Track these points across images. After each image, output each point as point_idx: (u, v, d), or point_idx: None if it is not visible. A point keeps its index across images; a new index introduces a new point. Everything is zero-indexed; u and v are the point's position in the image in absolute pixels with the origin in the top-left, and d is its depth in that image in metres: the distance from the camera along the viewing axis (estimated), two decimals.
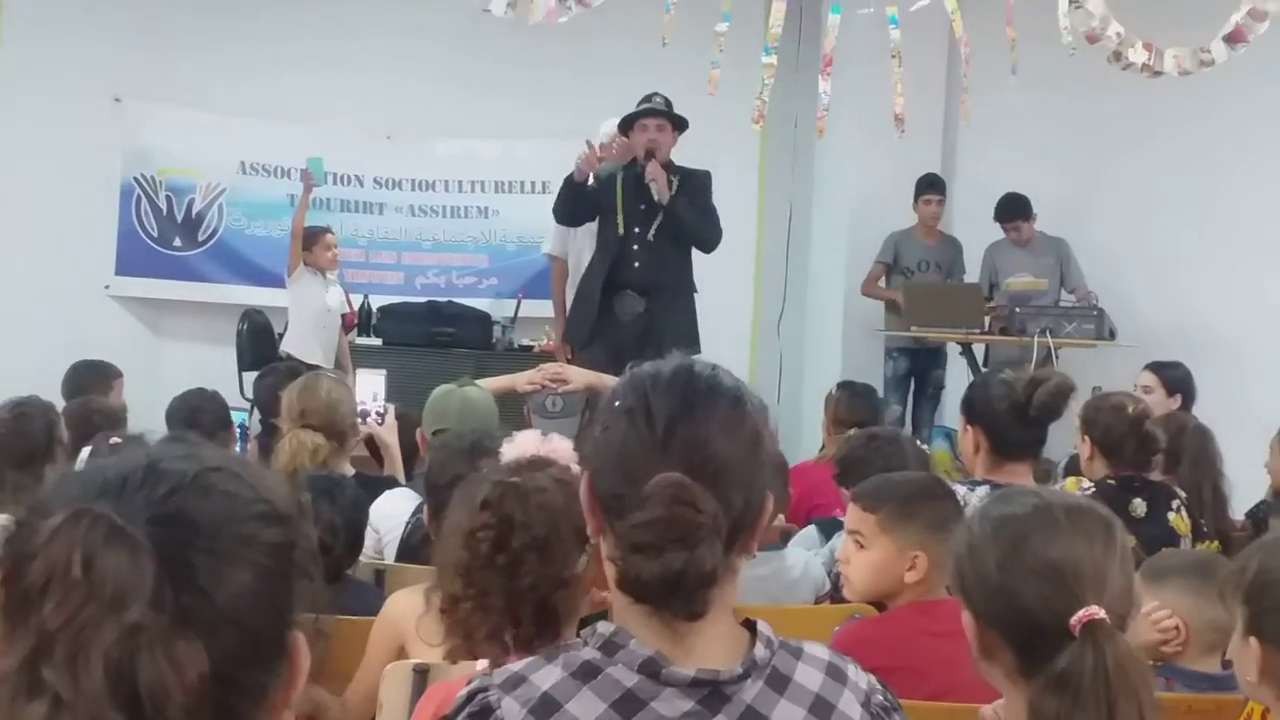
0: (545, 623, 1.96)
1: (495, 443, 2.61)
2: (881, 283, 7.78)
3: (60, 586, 0.91)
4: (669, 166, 6.12)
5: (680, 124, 6.16)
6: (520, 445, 2.14)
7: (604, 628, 1.38)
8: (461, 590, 1.97)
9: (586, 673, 1.34)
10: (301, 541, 1.03)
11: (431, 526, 2.85)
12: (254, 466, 1.07)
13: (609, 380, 4.40)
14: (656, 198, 5.99)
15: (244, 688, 0.97)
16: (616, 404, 1.44)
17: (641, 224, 6.08)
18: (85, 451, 3.12)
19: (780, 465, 2.22)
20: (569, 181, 6.12)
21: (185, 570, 0.94)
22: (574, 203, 6.16)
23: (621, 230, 6.09)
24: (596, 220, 6.42)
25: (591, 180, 6.01)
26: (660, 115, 6.11)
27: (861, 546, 2.68)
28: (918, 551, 2.60)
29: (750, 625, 1.41)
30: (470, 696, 1.38)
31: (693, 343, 6.03)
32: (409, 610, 2.58)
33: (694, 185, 6.18)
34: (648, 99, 6.19)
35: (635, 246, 6.09)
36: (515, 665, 1.38)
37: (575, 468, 1.99)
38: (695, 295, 6.27)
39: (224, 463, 1.03)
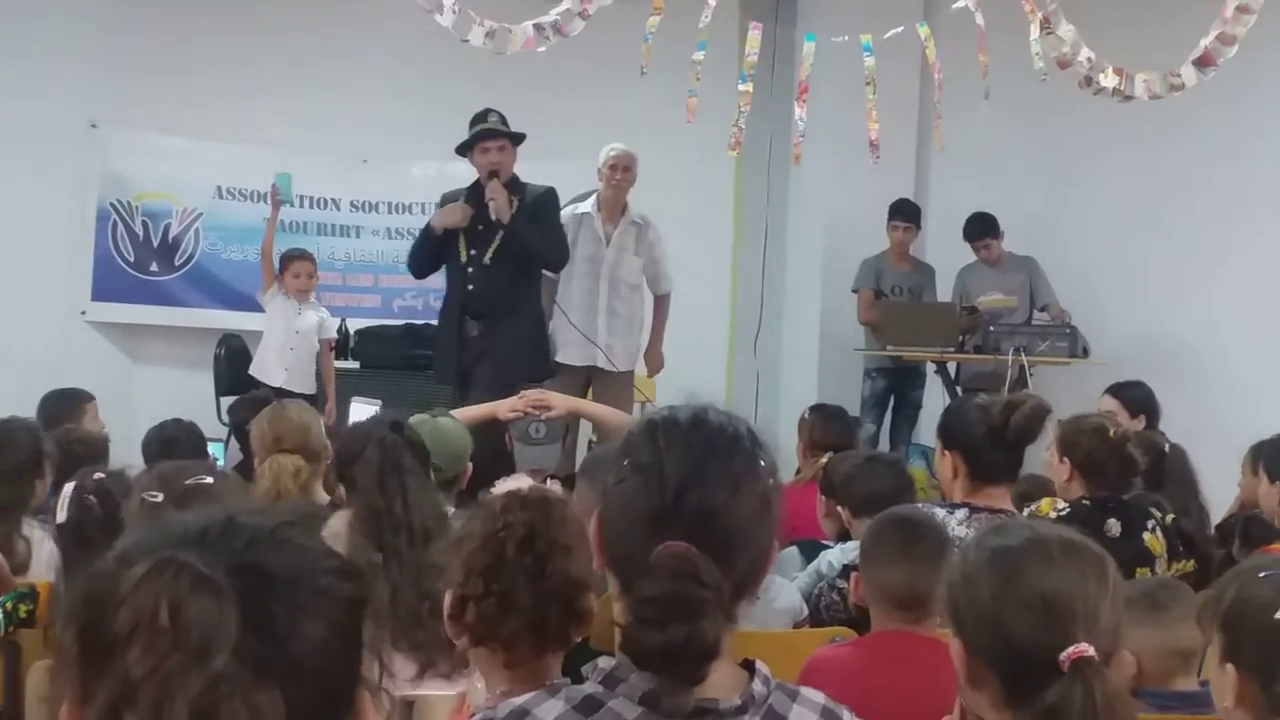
0: (575, 624, 1.99)
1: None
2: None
3: (146, 634, 0.89)
4: (513, 185, 5.99)
5: (518, 139, 6.03)
6: (514, 483, 2.19)
7: (605, 663, 1.40)
8: (483, 589, 1.98)
9: (589, 706, 1.36)
10: (371, 599, 1.04)
11: None
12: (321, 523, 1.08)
13: (590, 406, 4.43)
14: (494, 217, 5.88)
15: None
16: (627, 461, 1.44)
17: (478, 246, 5.97)
18: (68, 489, 3.03)
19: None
20: (428, 231, 6.08)
21: (264, 620, 0.93)
22: (431, 252, 6.10)
23: (463, 256, 5.99)
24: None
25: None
26: (499, 136, 5.99)
27: None
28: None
29: (749, 666, 1.44)
30: None
31: (538, 366, 6.02)
32: None
33: (538, 204, 6.04)
34: (481, 118, 6.05)
35: (470, 269, 5.97)
36: (517, 700, 1.41)
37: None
38: (542, 319, 6.20)
39: (298, 518, 1.03)
